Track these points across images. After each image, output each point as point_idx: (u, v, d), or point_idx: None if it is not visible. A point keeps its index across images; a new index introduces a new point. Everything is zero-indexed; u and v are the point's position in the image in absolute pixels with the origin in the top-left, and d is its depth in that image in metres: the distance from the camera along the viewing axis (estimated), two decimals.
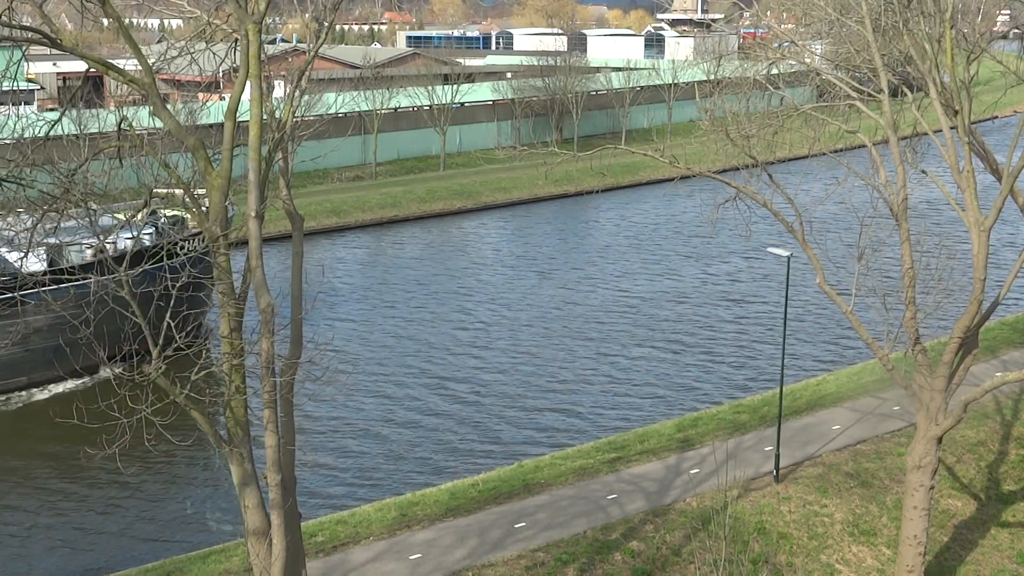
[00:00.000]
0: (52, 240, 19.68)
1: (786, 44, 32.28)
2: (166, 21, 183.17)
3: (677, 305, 62.63)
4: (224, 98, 57.48)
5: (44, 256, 48.19)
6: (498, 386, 49.75)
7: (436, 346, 55.50)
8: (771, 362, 51.08)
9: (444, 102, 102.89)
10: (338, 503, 37.21)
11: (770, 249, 35.47)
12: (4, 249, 45.46)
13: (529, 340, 56.32)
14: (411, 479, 39.67)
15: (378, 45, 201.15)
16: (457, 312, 61.58)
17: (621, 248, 77.55)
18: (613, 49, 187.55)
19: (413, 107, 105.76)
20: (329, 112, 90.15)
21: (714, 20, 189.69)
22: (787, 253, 33.97)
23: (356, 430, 44.90)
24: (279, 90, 50.45)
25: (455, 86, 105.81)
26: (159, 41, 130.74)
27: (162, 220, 54.21)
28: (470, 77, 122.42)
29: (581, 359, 53.25)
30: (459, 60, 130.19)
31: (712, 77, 30.29)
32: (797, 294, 57.49)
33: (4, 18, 16.77)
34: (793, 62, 30.84)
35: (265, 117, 18.80)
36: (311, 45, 20.97)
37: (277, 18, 31.71)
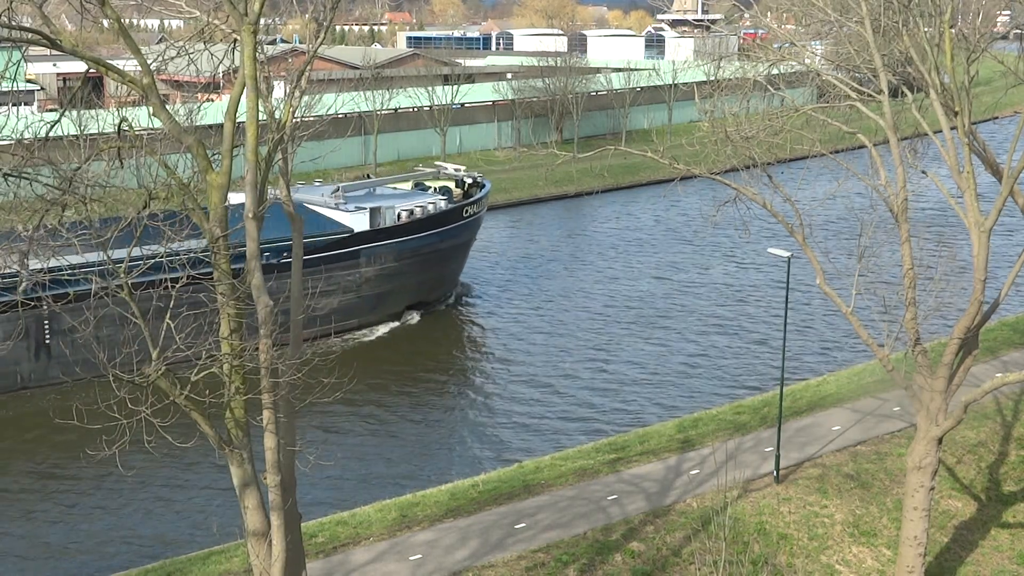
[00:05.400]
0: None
1: (786, 45, 32.26)
2: (166, 22, 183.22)
3: (677, 305, 62.60)
4: (216, 98, 57.93)
5: (367, 217, 56.34)
6: (497, 387, 49.73)
7: (435, 347, 55.49)
8: (771, 362, 51.07)
9: (444, 103, 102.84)
10: (339, 504, 37.18)
11: (770, 250, 35.44)
12: (321, 208, 56.45)
13: (526, 341, 56.31)
14: (411, 479, 39.66)
15: (378, 46, 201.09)
16: (454, 313, 61.58)
17: (620, 248, 77.50)
18: (613, 50, 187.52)
19: (413, 108, 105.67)
20: (329, 113, 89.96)
21: (714, 21, 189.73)
22: (787, 254, 33.94)
23: (355, 430, 44.88)
24: (279, 91, 50.55)
25: (455, 87, 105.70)
26: (159, 42, 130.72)
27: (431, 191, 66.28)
28: (470, 78, 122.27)
29: (581, 359, 53.23)
30: (459, 61, 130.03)
31: (712, 78, 30.21)
32: (798, 294, 57.46)
33: (4, 18, 16.75)
34: (793, 63, 30.80)
35: (264, 118, 18.78)
36: (310, 45, 20.96)
37: (276, 18, 31.65)
